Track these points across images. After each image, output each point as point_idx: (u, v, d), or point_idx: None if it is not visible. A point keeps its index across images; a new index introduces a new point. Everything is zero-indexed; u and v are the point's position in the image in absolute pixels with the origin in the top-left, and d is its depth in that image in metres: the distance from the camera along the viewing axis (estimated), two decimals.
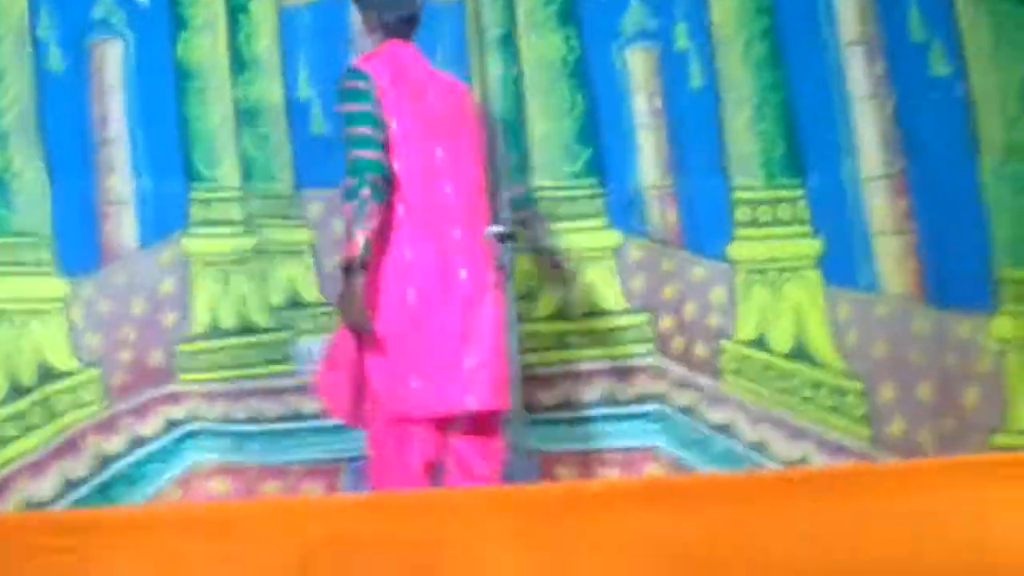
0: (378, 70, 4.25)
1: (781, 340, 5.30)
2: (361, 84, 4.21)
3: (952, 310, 5.06)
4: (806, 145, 5.39)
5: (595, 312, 5.42)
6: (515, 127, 5.38)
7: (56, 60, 5.17)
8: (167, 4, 5.35)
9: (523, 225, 4.98)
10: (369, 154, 4.11)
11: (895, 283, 5.22)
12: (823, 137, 5.35)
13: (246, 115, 5.40)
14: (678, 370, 5.37)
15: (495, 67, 5.32)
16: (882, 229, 5.27)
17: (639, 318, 5.40)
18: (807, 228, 5.37)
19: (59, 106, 5.15)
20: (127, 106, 5.26)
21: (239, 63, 5.42)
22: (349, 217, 4.07)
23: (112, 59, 5.28)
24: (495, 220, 4.24)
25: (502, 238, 4.29)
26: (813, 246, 5.34)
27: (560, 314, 5.42)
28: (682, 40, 5.51)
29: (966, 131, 5.12)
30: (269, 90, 5.45)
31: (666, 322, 5.40)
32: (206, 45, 5.37)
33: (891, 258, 5.24)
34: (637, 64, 5.55)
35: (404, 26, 4.46)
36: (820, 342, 5.26)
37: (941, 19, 5.19)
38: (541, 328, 5.37)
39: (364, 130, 4.15)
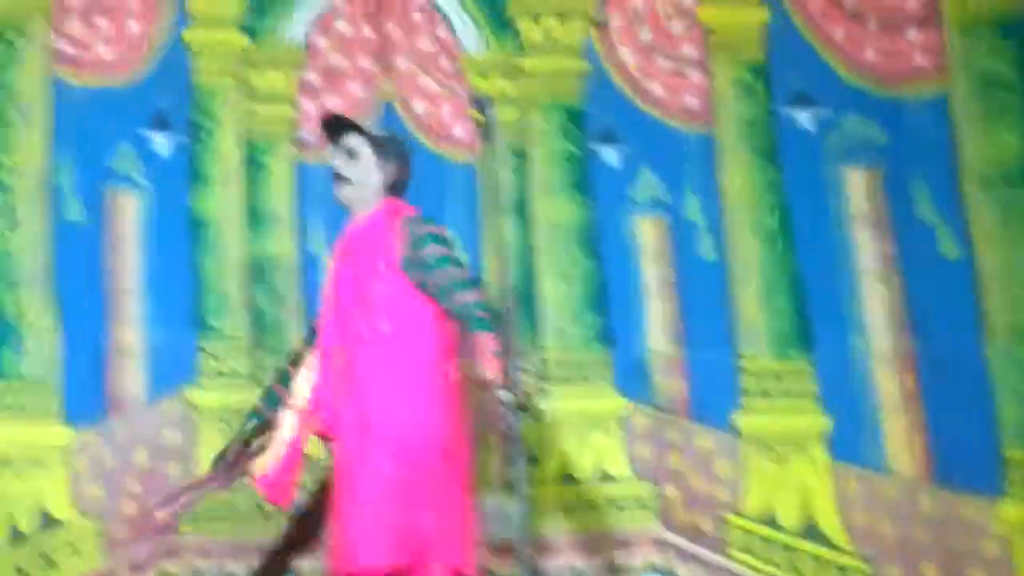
0: None
1: (788, 516, 5.26)
2: (443, 229, 4.24)
3: (959, 491, 5.06)
4: (814, 319, 5.43)
5: (600, 479, 5.38)
6: (526, 291, 5.40)
7: (73, 209, 5.22)
8: (185, 157, 5.41)
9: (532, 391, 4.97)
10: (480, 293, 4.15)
11: (902, 462, 5.22)
12: (831, 312, 5.40)
13: (258, 268, 5.42)
14: (681, 542, 5.31)
15: (507, 230, 5.37)
16: (890, 407, 5.28)
17: (643, 487, 5.36)
18: (814, 403, 5.37)
19: (73, 254, 5.21)
20: (141, 256, 5.28)
21: (254, 217, 5.46)
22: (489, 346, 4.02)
23: (128, 210, 5.32)
24: (506, 388, 4.20)
25: (514, 407, 4.25)
26: (820, 421, 5.34)
27: (565, 479, 5.38)
28: (693, 211, 5.58)
29: (974, 312, 5.17)
30: (282, 244, 5.49)
31: (671, 492, 5.36)
32: (222, 198, 5.43)
33: (899, 437, 5.25)
34: (647, 233, 5.60)
35: (403, 186, 4.47)
36: (827, 520, 5.22)
37: (949, 201, 5.30)
38: (546, 493, 5.33)
39: (463, 271, 4.20)
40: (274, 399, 4.08)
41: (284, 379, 4.12)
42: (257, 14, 5.61)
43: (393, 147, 4.22)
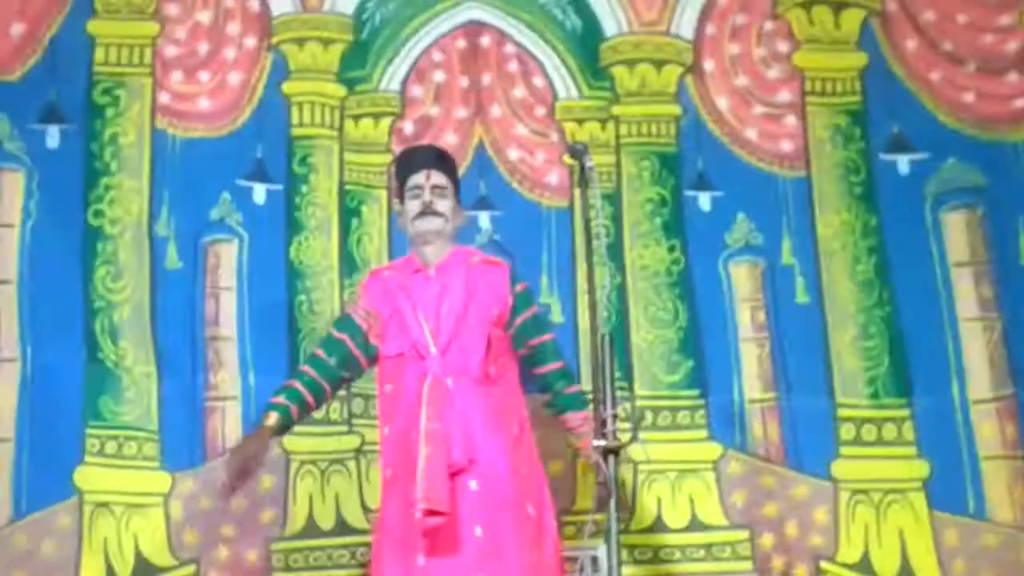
0: None
1: (886, 566, 5.18)
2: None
3: None
4: (912, 365, 5.37)
5: (694, 526, 5.33)
6: (619, 336, 5.39)
7: (172, 258, 5.32)
8: (283, 206, 5.49)
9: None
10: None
11: (1003, 510, 5.13)
12: (930, 357, 5.34)
13: None
14: None
15: (602, 276, 5.37)
16: (990, 454, 5.21)
17: (739, 535, 5.31)
18: (913, 449, 5.31)
19: (173, 303, 5.30)
20: (239, 304, 5.36)
21: (350, 264, 5.53)
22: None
23: (227, 258, 5.42)
24: (601, 434, 4.18)
25: (607, 453, 4.23)
26: (919, 468, 5.27)
27: (658, 527, 5.34)
28: (788, 255, 5.54)
29: None
30: None
31: (766, 540, 5.29)
32: (319, 247, 5.50)
33: (1000, 484, 5.16)
34: (742, 277, 5.58)
35: None
36: (926, 569, 5.14)
37: None
38: (640, 541, 5.30)
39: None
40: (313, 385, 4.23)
41: (322, 368, 4.22)
42: (354, 65, 5.69)
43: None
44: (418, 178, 4.37)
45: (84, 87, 5.38)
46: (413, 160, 4.48)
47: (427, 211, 4.32)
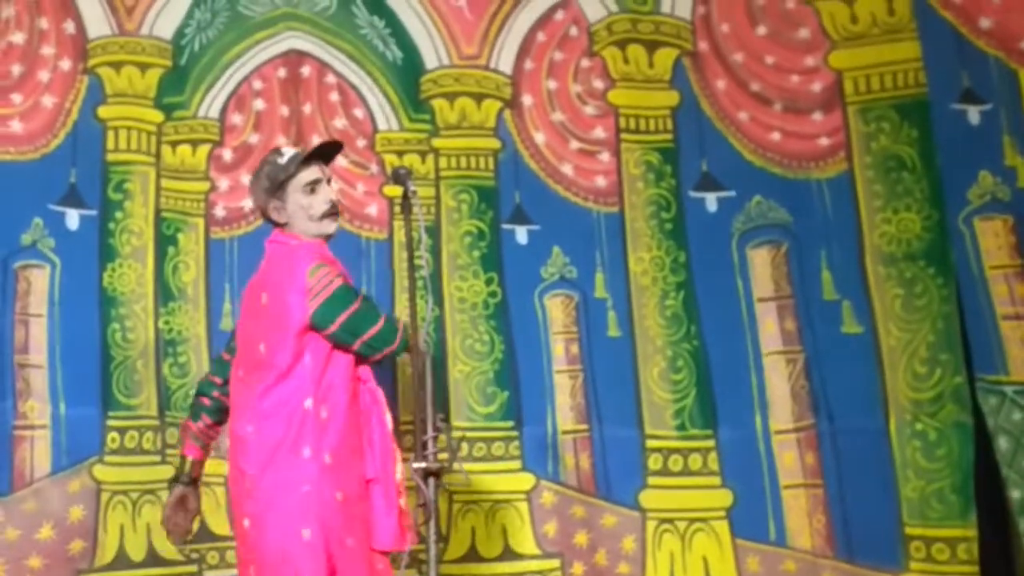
0: None
1: None
2: None
3: (860, 566, 5.12)
4: (718, 397, 5.51)
5: (507, 555, 5.40)
6: (437, 367, 5.43)
7: None
8: (97, 233, 5.42)
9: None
10: None
11: (803, 538, 5.28)
12: (735, 390, 5.48)
13: (168, 344, 5.43)
14: None
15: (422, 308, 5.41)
16: (791, 483, 5.35)
17: (550, 564, 5.39)
18: (718, 479, 5.44)
19: None
20: (50, 332, 5.27)
21: (165, 293, 5.48)
22: None
23: (38, 285, 5.32)
24: (421, 457, 4.20)
25: (427, 475, 4.25)
26: (723, 497, 5.42)
27: (470, 557, 5.40)
28: (601, 289, 5.66)
29: (875, 388, 5.25)
30: (193, 320, 5.51)
31: (577, 569, 5.39)
32: (133, 274, 5.45)
33: (799, 512, 5.31)
34: (556, 310, 5.68)
35: None
36: None
37: (852, 279, 5.39)
38: (454, 571, 5.34)
39: None
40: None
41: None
42: (172, 91, 5.64)
43: None
44: (315, 171, 4.20)
45: None
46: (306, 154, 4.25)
47: (335, 208, 4.24)
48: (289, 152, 4.20)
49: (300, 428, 3.90)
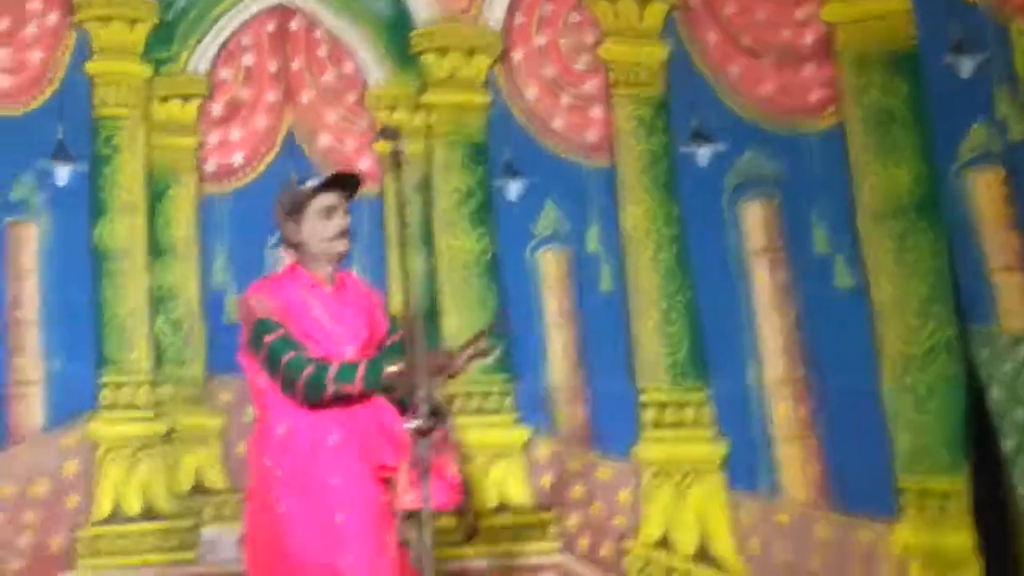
0: None
1: (685, 543, 5.34)
2: None
3: (854, 516, 5.14)
4: (711, 349, 5.51)
5: (502, 508, 5.42)
6: (430, 322, 5.44)
7: None
8: (86, 188, 5.38)
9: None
10: None
11: (797, 488, 5.31)
12: (728, 342, 5.48)
13: (160, 301, 5.41)
14: (583, 569, 5.37)
15: (413, 262, 5.41)
16: (785, 434, 5.37)
17: (546, 516, 5.41)
18: (712, 431, 5.45)
19: None
20: (41, 288, 5.24)
21: (156, 249, 5.45)
22: None
23: (28, 241, 5.29)
24: (414, 415, 4.20)
25: (420, 432, 4.25)
26: (717, 449, 5.43)
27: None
28: (593, 243, 5.65)
29: (867, 341, 5.27)
30: (185, 276, 5.49)
31: (572, 520, 5.41)
32: (124, 230, 5.42)
33: (793, 464, 5.33)
34: (549, 265, 5.67)
35: None
36: (723, 546, 5.30)
37: (844, 233, 5.38)
38: (448, 522, 5.34)
39: None
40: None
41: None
42: (161, 45, 5.60)
43: None
44: (332, 198, 4.23)
45: None
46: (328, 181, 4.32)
47: (345, 234, 4.26)
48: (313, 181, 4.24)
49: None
